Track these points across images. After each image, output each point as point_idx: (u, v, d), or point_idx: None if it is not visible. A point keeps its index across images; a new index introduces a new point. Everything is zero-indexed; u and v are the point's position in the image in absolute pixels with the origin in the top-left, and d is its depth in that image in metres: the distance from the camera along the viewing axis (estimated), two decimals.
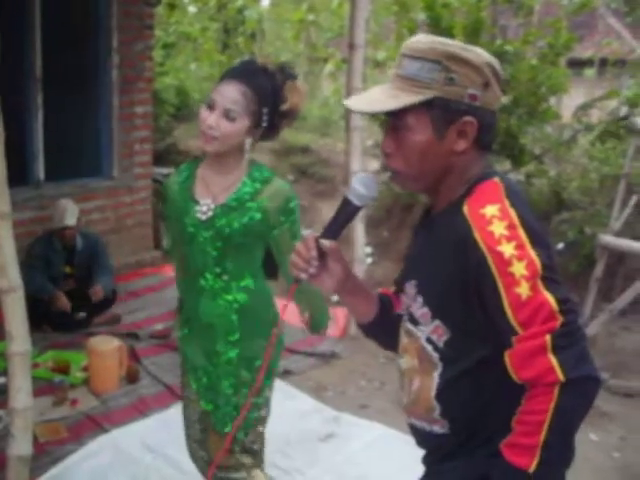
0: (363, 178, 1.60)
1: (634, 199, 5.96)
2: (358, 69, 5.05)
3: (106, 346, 4.19)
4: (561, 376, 1.36)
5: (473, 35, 7.27)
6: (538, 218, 1.52)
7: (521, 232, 1.41)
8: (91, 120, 6.19)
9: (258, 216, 2.33)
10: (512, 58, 7.06)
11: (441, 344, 1.57)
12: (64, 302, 4.96)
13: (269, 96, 2.29)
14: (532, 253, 1.40)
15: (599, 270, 5.60)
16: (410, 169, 1.55)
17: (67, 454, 3.52)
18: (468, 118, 1.50)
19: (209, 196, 2.37)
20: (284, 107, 2.33)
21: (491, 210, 1.44)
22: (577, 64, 11.26)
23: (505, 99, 6.24)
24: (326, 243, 1.59)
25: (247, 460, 2.56)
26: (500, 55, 6.87)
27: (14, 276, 2.78)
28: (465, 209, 1.48)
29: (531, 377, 1.40)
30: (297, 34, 15.13)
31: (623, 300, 5.03)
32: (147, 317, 5.31)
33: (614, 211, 5.79)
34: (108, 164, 6.25)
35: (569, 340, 1.38)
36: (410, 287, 1.67)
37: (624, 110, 8.22)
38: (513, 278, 1.39)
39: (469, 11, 7.55)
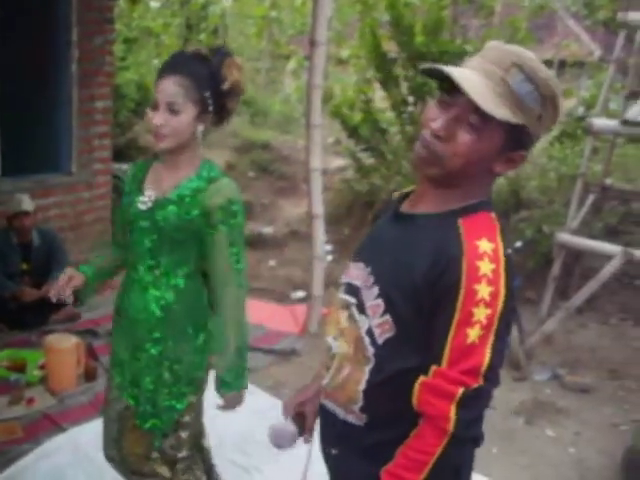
0: (275, 433, 1.95)
1: (590, 198, 6.08)
2: (319, 66, 5.04)
3: (64, 344, 4.14)
4: (453, 428, 1.45)
5: (433, 34, 7.34)
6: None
7: (501, 284, 1.44)
8: (50, 115, 6.10)
9: (196, 212, 2.30)
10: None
11: (381, 341, 1.57)
12: (32, 293, 4.91)
13: (207, 80, 2.28)
14: (499, 307, 1.44)
15: (556, 268, 5.69)
16: (451, 163, 1.51)
17: (23, 454, 3.47)
18: (524, 152, 1.54)
19: (156, 189, 2.37)
20: (226, 86, 2.31)
21: (486, 246, 1.46)
22: None
23: None
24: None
25: (163, 471, 2.50)
26: (460, 54, 6.95)
27: None
28: (461, 230, 1.49)
29: (428, 413, 1.49)
30: (260, 31, 15.12)
31: (579, 298, 5.10)
32: (106, 314, 5.23)
33: (571, 210, 5.88)
34: (67, 159, 6.15)
35: (475, 402, 1.46)
36: (360, 270, 1.65)
37: (581, 111, 8.37)
38: (471, 319, 1.43)
39: (430, 10, 7.62)
